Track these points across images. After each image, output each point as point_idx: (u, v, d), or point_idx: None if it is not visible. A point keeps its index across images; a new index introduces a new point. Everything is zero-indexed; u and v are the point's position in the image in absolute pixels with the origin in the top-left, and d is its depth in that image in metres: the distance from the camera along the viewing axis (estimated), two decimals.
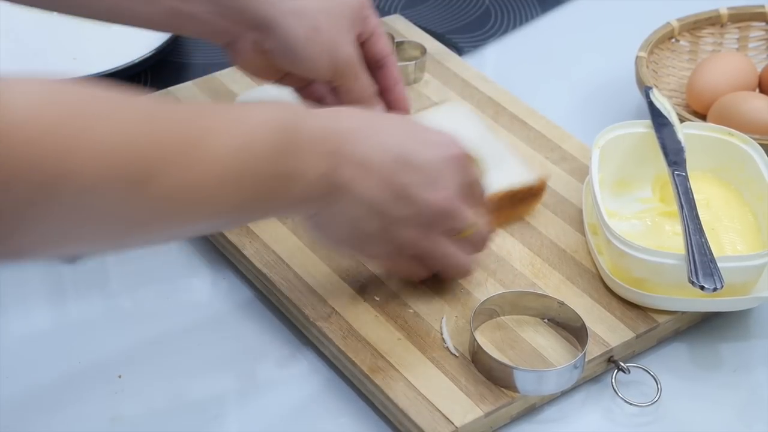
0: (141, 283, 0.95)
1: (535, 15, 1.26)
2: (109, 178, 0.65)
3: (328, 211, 0.82)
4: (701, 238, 0.88)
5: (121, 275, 0.96)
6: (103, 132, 0.65)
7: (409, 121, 0.90)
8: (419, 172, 0.83)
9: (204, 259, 0.97)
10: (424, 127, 0.87)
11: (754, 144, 0.96)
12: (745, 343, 0.91)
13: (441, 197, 0.84)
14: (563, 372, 0.83)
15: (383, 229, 0.84)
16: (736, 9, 1.16)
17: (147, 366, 0.88)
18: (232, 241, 0.94)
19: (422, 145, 0.84)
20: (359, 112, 0.86)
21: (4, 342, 0.90)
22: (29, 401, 0.86)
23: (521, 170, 0.98)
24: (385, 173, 0.82)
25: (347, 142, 0.81)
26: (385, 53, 0.97)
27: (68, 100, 0.65)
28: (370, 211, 0.82)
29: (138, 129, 0.68)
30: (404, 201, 0.83)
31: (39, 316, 0.93)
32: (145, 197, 0.68)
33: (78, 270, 0.96)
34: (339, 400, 0.86)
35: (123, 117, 0.67)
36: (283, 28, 0.91)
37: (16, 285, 0.94)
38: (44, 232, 0.64)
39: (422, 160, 0.83)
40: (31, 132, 0.61)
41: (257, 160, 0.75)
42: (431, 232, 0.85)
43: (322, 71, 0.94)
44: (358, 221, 0.83)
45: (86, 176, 0.64)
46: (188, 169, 0.70)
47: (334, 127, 0.81)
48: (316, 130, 0.79)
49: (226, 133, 0.73)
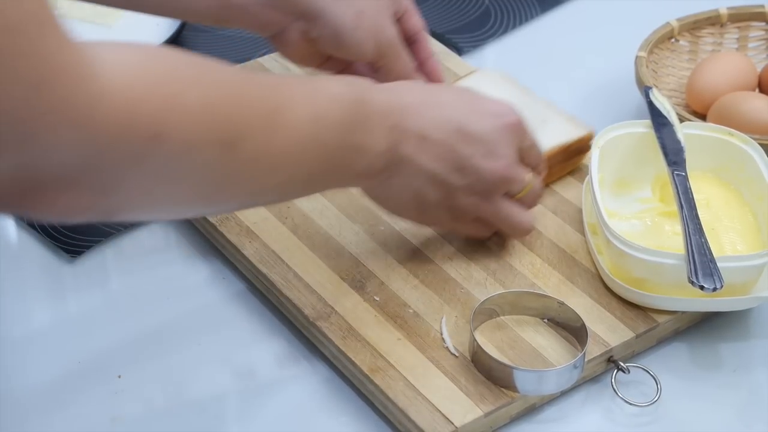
0: (141, 282, 0.95)
1: (535, 15, 1.26)
2: (200, 139, 0.67)
3: (389, 182, 0.85)
4: (701, 238, 0.88)
5: (121, 275, 0.96)
6: (194, 95, 0.67)
7: (465, 92, 0.91)
8: (478, 142, 0.87)
9: (204, 259, 0.97)
10: (481, 98, 0.90)
11: (754, 144, 0.96)
12: (745, 343, 0.91)
13: (500, 165, 0.88)
14: (563, 372, 0.83)
15: (444, 198, 0.87)
16: (736, 9, 1.16)
17: (147, 366, 0.88)
18: (231, 241, 0.94)
19: (480, 115, 0.88)
20: (418, 86, 0.89)
21: (4, 342, 0.90)
22: (29, 401, 0.86)
23: (567, 125, 1.01)
24: (445, 145, 0.85)
25: (409, 116, 0.84)
26: (418, 28, 1.00)
27: (162, 64, 0.66)
28: (431, 182, 0.86)
29: (226, 93, 0.70)
30: (465, 171, 0.87)
31: (39, 316, 0.93)
32: (233, 159, 0.70)
33: (78, 269, 0.96)
34: (339, 400, 0.86)
35: (212, 81, 0.69)
36: (329, 15, 0.94)
37: (16, 285, 0.94)
38: (138, 193, 0.66)
39: (481, 131, 0.87)
40: (130, 94, 0.62)
41: (330, 131, 0.78)
42: (491, 198, 0.89)
43: (369, 54, 0.96)
44: (419, 191, 0.86)
45: (180, 138, 0.66)
46: (271, 134, 0.72)
47: (396, 101, 0.84)
48: (381, 103, 0.82)
49: (304, 102, 0.76)
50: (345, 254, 0.94)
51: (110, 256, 0.97)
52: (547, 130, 1.00)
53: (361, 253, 0.94)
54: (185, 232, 0.99)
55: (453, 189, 0.87)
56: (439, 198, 0.87)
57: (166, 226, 1.00)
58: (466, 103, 0.88)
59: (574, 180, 1.01)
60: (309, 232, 0.95)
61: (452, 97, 0.89)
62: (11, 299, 0.93)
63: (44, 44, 0.57)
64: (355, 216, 0.97)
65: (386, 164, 0.83)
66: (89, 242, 0.97)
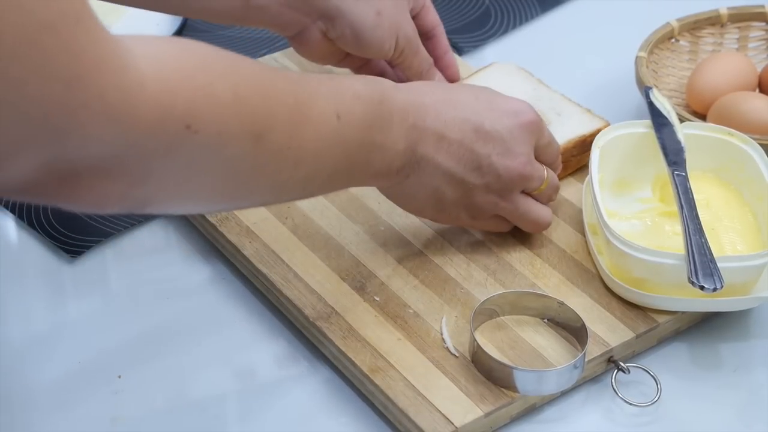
0: (141, 282, 0.95)
1: (535, 15, 1.26)
2: (230, 131, 0.68)
3: (407, 181, 0.86)
4: (701, 238, 0.88)
5: (121, 275, 0.96)
6: (225, 87, 0.67)
7: (483, 91, 0.92)
8: (496, 141, 0.87)
9: (204, 259, 0.97)
10: (498, 96, 0.91)
11: (754, 144, 0.96)
12: (745, 343, 0.91)
13: (518, 163, 0.89)
14: (563, 372, 0.83)
15: (462, 197, 0.88)
16: (736, 9, 1.16)
17: (147, 366, 0.88)
18: (231, 241, 0.94)
19: (497, 114, 0.88)
20: (437, 87, 0.90)
21: (4, 342, 0.90)
22: (29, 401, 0.86)
23: (583, 118, 1.03)
24: (463, 145, 0.86)
25: (428, 116, 0.85)
26: (434, 23, 1.02)
27: (193, 57, 0.67)
28: (450, 181, 0.87)
29: (255, 86, 0.70)
30: (483, 170, 0.87)
31: (39, 315, 0.93)
32: (260, 151, 0.71)
33: (78, 269, 0.96)
34: (339, 400, 0.86)
35: (241, 74, 0.70)
36: (350, 15, 0.95)
37: (16, 285, 0.94)
38: (170, 184, 0.67)
39: (498, 129, 0.88)
40: (162, 86, 0.63)
41: (352, 128, 0.78)
42: (509, 195, 0.90)
43: (388, 52, 0.97)
44: (437, 190, 0.87)
45: (211, 129, 0.66)
46: (298, 128, 0.73)
47: (415, 100, 0.84)
48: (402, 103, 0.83)
49: (328, 99, 0.77)
50: (345, 254, 0.94)
51: (110, 256, 0.97)
52: (563, 123, 1.02)
53: (361, 253, 0.94)
54: (185, 232, 0.99)
55: (471, 188, 0.88)
56: (457, 197, 0.88)
57: (166, 226, 1.00)
58: (483, 103, 0.89)
59: (574, 180, 1.01)
60: (309, 232, 0.95)
61: (470, 97, 0.89)
62: (11, 299, 0.93)
63: (78, 40, 0.58)
64: (355, 216, 0.97)
65: (405, 163, 0.84)
66: (89, 242, 0.97)
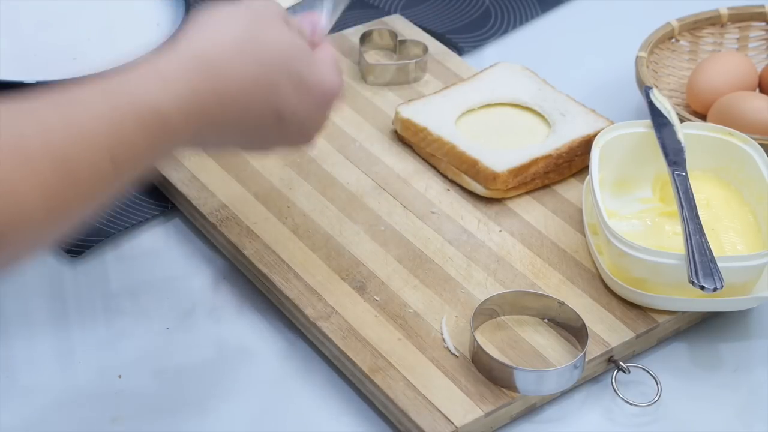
0: (141, 283, 0.95)
1: (535, 15, 1.26)
2: None
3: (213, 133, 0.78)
4: (701, 238, 0.88)
5: (121, 275, 0.96)
6: None
7: None
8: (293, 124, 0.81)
9: (204, 259, 0.97)
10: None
11: (754, 144, 0.96)
12: (745, 343, 0.91)
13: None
14: (563, 372, 0.83)
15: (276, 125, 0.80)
16: (736, 9, 1.16)
17: (147, 366, 0.88)
18: (231, 241, 0.94)
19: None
20: None
21: (3, 342, 0.90)
22: (29, 401, 0.86)
23: (587, 118, 1.04)
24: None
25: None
26: None
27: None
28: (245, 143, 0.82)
29: None
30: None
31: (39, 315, 0.92)
32: None
33: (78, 269, 0.96)
34: (339, 400, 0.86)
35: None
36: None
37: (16, 285, 0.94)
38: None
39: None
40: None
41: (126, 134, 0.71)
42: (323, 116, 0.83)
43: None
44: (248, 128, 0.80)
45: None
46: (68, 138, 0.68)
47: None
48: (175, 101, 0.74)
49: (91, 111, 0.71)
50: (345, 254, 0.94)
51: (110, 256, 0.97)
52: (568, 123, 1.03)
53: (361, 253, 0.94)
54: (185, 232, 0.99)
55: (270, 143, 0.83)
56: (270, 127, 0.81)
57: (166, 226, 1.00)
58: None
59: (574, 180, 1.01)
60: (309, 232, 0.95)
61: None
62: (11, 299, 0.93)
63: None
64: (355, 216, 0.97)
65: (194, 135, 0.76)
66: (89, 242, 0.97)
